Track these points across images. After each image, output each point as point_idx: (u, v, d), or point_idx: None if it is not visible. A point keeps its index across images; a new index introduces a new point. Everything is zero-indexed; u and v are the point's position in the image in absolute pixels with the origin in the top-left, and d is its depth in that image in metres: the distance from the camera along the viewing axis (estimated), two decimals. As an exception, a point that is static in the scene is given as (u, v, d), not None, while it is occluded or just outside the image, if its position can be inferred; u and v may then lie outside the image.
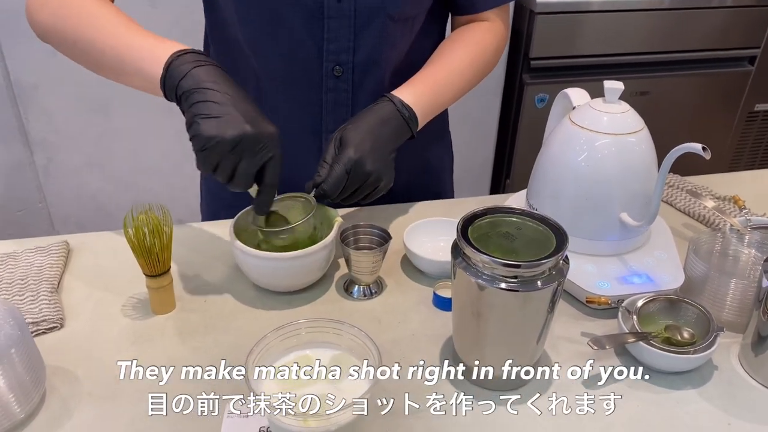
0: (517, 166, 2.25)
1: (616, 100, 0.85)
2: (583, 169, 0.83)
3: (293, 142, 0.98)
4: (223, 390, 0.70)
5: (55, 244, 0.92)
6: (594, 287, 0.81)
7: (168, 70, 0.75)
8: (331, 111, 0.96)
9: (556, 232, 0.67)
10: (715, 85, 2.25)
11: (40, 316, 0.79)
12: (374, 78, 0.95)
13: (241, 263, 0.83)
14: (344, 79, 0.94)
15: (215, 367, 0.71)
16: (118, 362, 0.68)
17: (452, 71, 0.96)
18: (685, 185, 1.10)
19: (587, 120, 0.84)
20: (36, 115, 1.93)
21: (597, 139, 0.83)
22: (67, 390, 0.71)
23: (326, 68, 0.93)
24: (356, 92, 0.95)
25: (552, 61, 2.08)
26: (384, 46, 0.93)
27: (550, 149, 0.89)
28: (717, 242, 0.86)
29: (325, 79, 0.94)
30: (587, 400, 0.68)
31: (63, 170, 2.04)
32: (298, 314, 0.82)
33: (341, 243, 0.84)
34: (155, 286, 0.80)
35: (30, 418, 0.67)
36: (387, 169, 0.86)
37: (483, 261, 0.64)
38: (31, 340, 0.68)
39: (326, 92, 0.95)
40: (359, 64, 0.93)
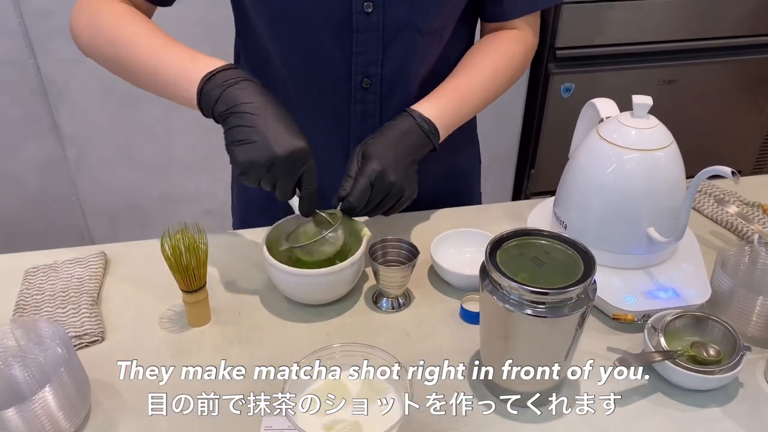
0: (542, 156, 2.24)
1: (645, 115, 0.84)
2: (611, 183, 0.84)
3: (321, 153, 0.99)
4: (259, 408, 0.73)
5: (92, 256, 0.95)
6: (620, 302, 0.82)
7: (201, 95, 0.78)
8: (360, 122, 0.97)
9: (584, 257, 0.68)
10: (743, 72, 2.20)
11: (82, 330, 0.82)
12: (402, 90, 0.96)
13: (274, 278, 0.85)
14: (372, 91, 0.95)
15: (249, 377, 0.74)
16: (117, 362, 0.72)
17: (475, 82, 0.96)
18: (713, 191, 1.09)
19: (615, 135, 0.84)
20: (67, 111, 1.97)
21: (625, 155, 0.83)
22: (110, 404, 0.74)
23: (355, 80, 0.94)
24: (384, 103, 0.96)
25: (577, 51, 2.06)
26: (412, 59, 0.94)
27: (577, 162, 0.89)
28: (745, 255, 0.86)
29: (354, 91, 0.95)
30: (587, 401, 0.70)
31: (94, 164, 2.08)
32: (329, 327, 0.84)
33: (370, 258, 0.86)
34: (191, 301, 0.82)
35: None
36: (410, 180, 0.88)
37: (511, 286, 0.65)
38: (76, 358, 0.71)
39: (354, 103, 0.96)
40: (387, 76, 0.94)
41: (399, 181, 0.85)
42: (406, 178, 0.87)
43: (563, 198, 0.92)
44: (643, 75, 2.12)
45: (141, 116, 2.01)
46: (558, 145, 2.23)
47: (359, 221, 0.89)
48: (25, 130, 1.98)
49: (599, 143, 0.85)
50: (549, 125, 2.18)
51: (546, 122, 2.17)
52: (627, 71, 2.10)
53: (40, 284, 0.90)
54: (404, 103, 0.96)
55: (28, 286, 0.89)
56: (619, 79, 2.10)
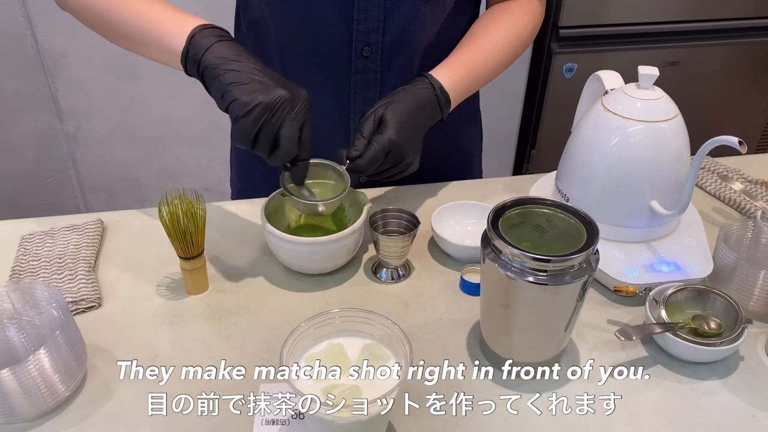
0: (543, 136, 2.23)
1: (650, 86, 0.83)
2: (615, 155, 0.83)
3: (321, 123, 0.98)
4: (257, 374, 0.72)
5: (89, 223, 0.94)
6: (622, 275, 0.82)
7: (191, 42, 0.74)
8: (360, 92, 0.96)
9: (587, 225, 0.67)
10: (748, 54, 2.18)
11: (78, 295, 0.81)
12: (404, 59, 0.94)
13: (272, 246, 0.85)
14: (373, 60, 0.93)
15: (245, 349, 0.73)
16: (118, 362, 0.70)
17: (490, 54, 0.94)
18: (716, 168, 1.08)
19: (620, 106, 0.83)
20: (65, 84, 1.95)
21: (629, 126, 0.82)
22: (107, 370, 0.74)
23: (355, 49, 0.92)
24: (385, 73, 0.95)
25: (581, 30, 2.03)
26: (414, 27, 0.92)
27: (581, 134, 0.88)
28: (748, 230, 0.85)
29: (354, 60, 0.93)
30: (587, 400, 0.68)
31: (92, 138, 2.07)
32: (327, 296, 0.84)
33: (370, 227, 0.85)
34: (189, 268, 0.82)
35: (73, 397, 0.70)
36: (418, 153, 0.87)
37: (513, 254, 0.65)
38: (73, 322, 0.71)
39: (355, 73, 0.94)
40: (389, 45, 0.92)
41: (411, 154, 0.85)
42: (416, 152, 0.86)
43: (565, 171, 0.91)
44: (646, 56, 2.09)
45: (140, 90, 1.99)
46: (559, 126, 2.21)
47: (361, 192, 0.88)
48: (22, 103, 1.96)
49: (604, 114, 0.84)
50: (551, 105, 2.16)
51: (548, 102, 2.15)
52: (630, 52, 2.08)
53: (36, 250, 0.89)
54: (405, 73, 0.95)
55: (24, 252, 0.89)
56: (622, 60, 2.08)
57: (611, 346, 0.76)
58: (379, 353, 0.62)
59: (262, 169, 0.95)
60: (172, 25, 0.77)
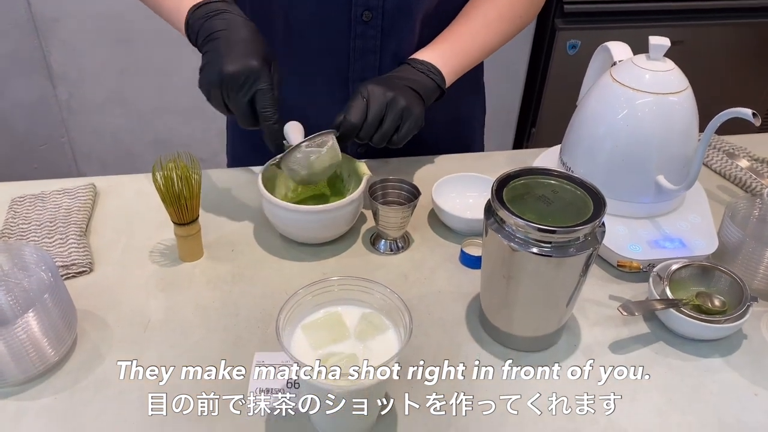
0: (544, 115, 2.20)
1: (661, 57, 0.81)
2: (622, 128, 0.81)
3: (320, 89, 0.96)
4: (252, 343, 0.71)
5: (81, 187, 0.92)
6: (625, 250, 0.80)
7: (188, 26, 0.80)
8: (359, 58, 0.94)
9: (594, 197, 0.65)
10: (752, 34, 2.16)
11: (69, 259, 0.79)
12: (404, 25, 0.92)
13: (269, 214, 0.83)
14: (373, 25, 0.91)
15: (240, 317, 0.72)
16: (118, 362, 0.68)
17: (476, 26, 0.93)
18: (722, 145, 1.07)
19: (629, 77, 0.81)
20: (58, 49, 1.91)
21: (638, 98, 0.80)
22: (97, 335, 0.72)
23: (355, 12, 0.90)
24: (385, 39, 0.93)
25: (586, 6, 2.00)
26: None
27: (587, 106, 0.86)
28: (755, 208, 0.84)
29: (354, 25, 0.91)
30: (587, 400, 0.66)
31: (85, 106, 2.03)
32: (324, 266, 0.82)
33: (369, 197, 0.83)
34: (183, 234, 0.80)
35: (63, 361, 0.69)
36: (413, 102, 0.84)
37: (517, 224, 0.63)
38: (62, 286, 0.69)
39: (354, 38, 0.92)
40: (389, 9, 0.90)
41: (398, 96, 0.82)
42: (407, 98, 0.83)
43: (571, 143, 0.89)
44: (650, 34, 2.05)
45: (135, 58, 1.95)
46: (561, 104, 2.18)
47: (360, 162, 0.86)
48: (13, 68, 1.92)
49: (612, 86, 0.82)
50: (553, 83, 2.13)
51: (550, 80, 2.13)
52: (634, 30, 2.05)
53: (27, 213, 0.86)
54: (404, 40, 0.93)
55: (13, 215, 0.86)
56: (626, 38, 2.03)
57: (613, 321, 0.75)
58: (378, 322, 0.61)
59: (256, 137, 0.93)
60: (176, 6, 0.82)
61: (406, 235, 0.86)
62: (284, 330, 0.58)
